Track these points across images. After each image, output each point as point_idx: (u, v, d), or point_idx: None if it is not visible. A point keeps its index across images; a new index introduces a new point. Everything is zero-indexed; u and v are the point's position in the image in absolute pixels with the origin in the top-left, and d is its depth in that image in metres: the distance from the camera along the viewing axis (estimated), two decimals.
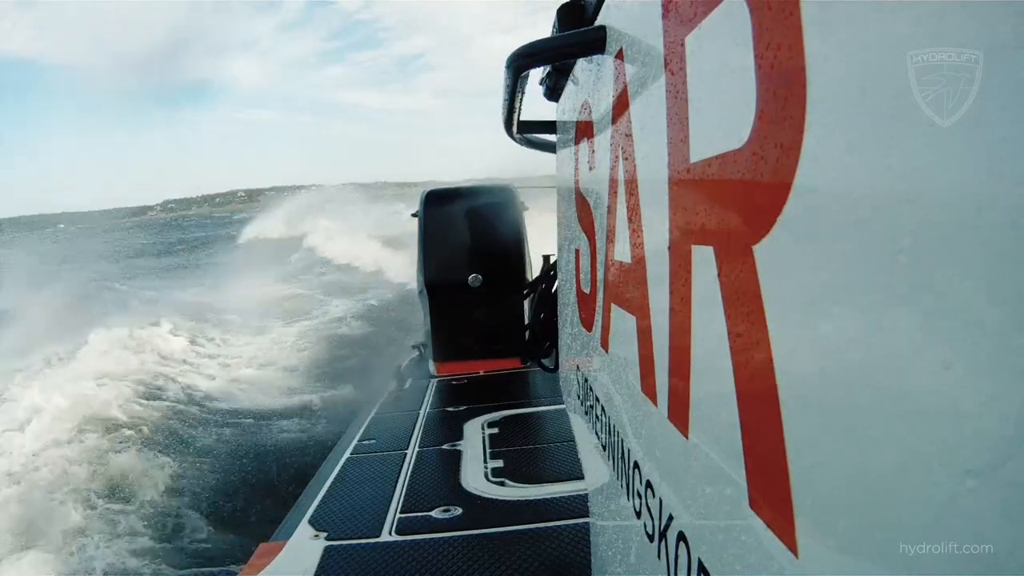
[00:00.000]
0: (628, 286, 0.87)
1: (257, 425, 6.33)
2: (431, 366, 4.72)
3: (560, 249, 1.66)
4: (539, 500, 2.47)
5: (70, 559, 4.13)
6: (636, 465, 0.82)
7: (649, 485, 0.75)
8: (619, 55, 0.88)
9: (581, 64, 1.22)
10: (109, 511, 4.68)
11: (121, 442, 5.66)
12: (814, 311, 0.38)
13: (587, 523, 1.42)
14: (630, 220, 0.84)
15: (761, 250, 0.44)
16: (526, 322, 4.64)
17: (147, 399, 6.69)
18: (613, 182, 0.94)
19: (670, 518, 0.66)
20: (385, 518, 2.45)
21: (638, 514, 0.80)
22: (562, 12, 1.17)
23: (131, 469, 5.19)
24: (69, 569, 4.03)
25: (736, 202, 0.49)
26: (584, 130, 1.21)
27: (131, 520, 4.59)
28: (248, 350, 9.55)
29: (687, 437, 0.61)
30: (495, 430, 3.34)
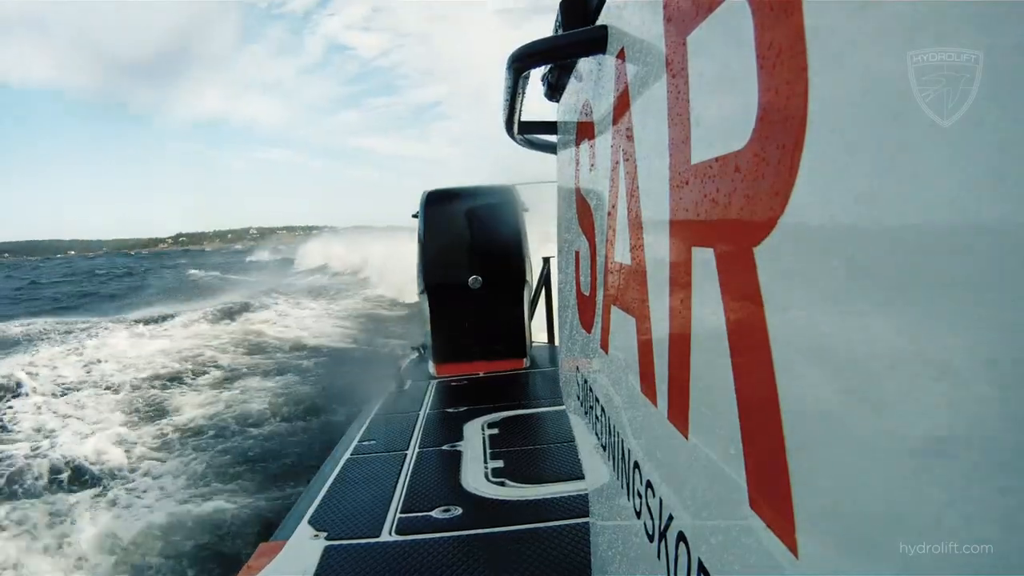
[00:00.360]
0: (628, 288, 0.87)
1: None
2: (431, 367, 4.72)
3: (560, 250, 1.66)
4: (539, 500, 2.47)
5: None
6: (636, 465, 0.82)
7: (649, 485, 0.75)
8: (620, 55, 0.88)
9: (582, 64, 1.22)
10: None
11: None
12: (815, 313, 0.38)
13: (587, 523, 1.42)
14: (630, 221, 0.84)
15: (762, 252, 0.44)
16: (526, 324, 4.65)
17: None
18: (613, 183, 0.94)
19: (670, 518, 0.66)
20: (385, 518, 2.45)
21: (638, 514, 0.80)
22: (563, 11, 1.18)
23: None
24: None
25: (737, 204, 0.49)
26: (585, 131, 1.21)
27: None
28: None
29: (687, 437, 0.61)
30: (495, 431, 3.34)
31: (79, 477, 5.41)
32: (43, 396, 7.94)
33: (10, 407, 7.44)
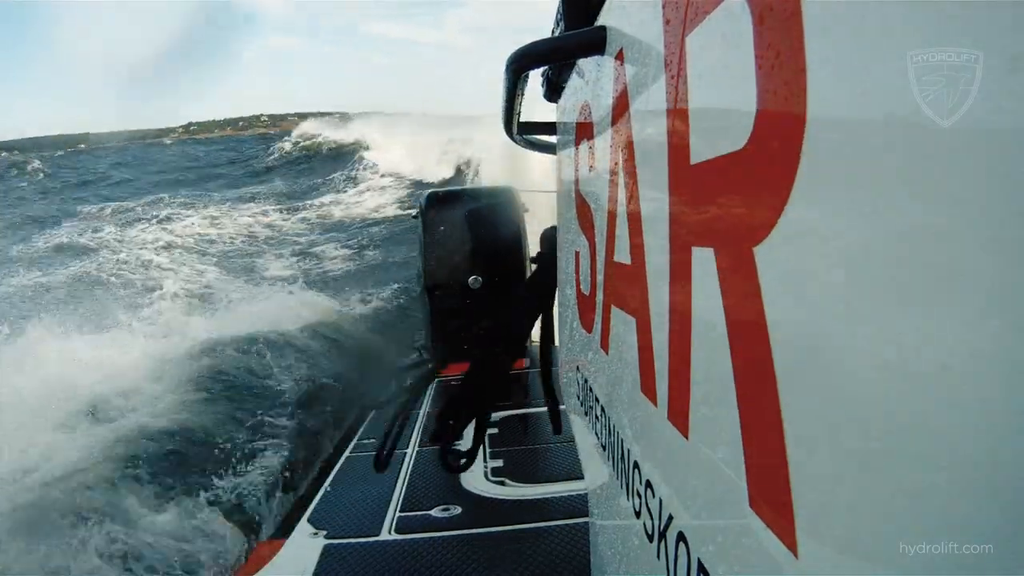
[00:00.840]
0: (628, 288, 0.87)
1: None
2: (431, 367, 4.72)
3: (560, 251, 1.66)
4: (539, 499, 2.47)
5: None
6: (636, 465, 0.82)
7: (649, 485, 0.75)
8: (619, 55, 0.88)
9: (581, 64, 1.22)
10: None
11: None
12: (815, 313, 0.38)
13: (586, 523, 1.42)
14: (630, 221, 0.84)
15: (762, 252, 0.44)
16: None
17: None
18: (613, 183, 0.94)
19: (670, 518, 0.66)
20: (384, 517, 2.45)
21: (637, 514, 0.80)
22: (563, 11, 1.18)
23: None
24: None
25: (737, 204, 0.49)
26: (584, 131, 1.21)
27: None
28: None
29: (687, 437, 0.61)
30: (495, 430, 3.34)
31: None
32: None
33: None
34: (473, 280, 4.53)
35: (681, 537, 0.62)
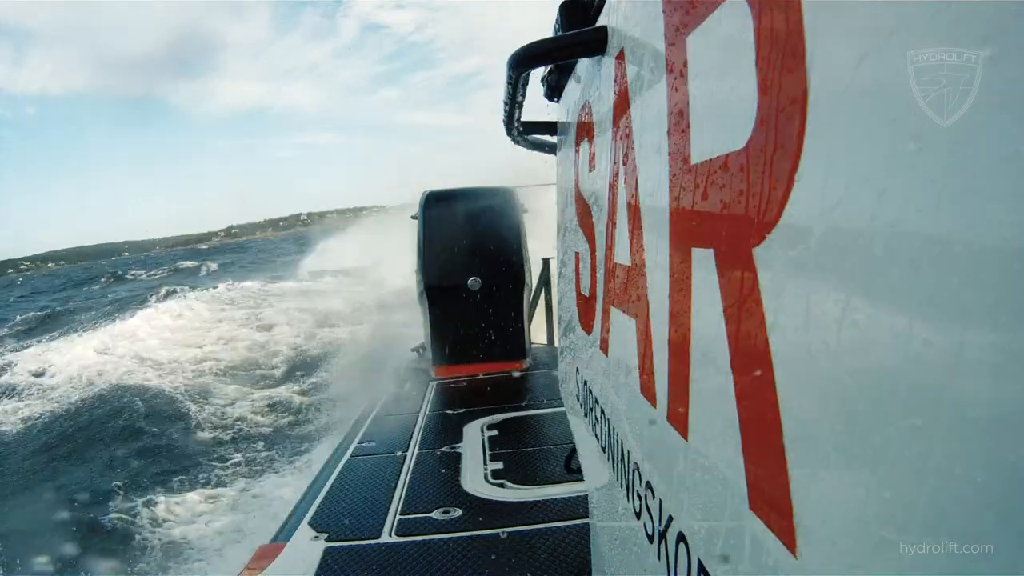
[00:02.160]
0: (628, 289, 0.87)
1: None
2: (430, 369, 4.71)
3: (559, 251, 1.66)
4: (539, 501, 2.47)
5: None
6: (636, 466, 0.82)
7: (649, 486, 0.75)
8: (620, 56, 0.88)
9: (582, 64, 1.22)
10: None
11: None
12: (814, 313, 0.38)
13: (587, 524, 1.41)
14: (630, 222, 0.84)
15: (761, 252, 0.44)
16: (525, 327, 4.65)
17: None
18: (613, 183, 0.94)
19: (670, 519, 0.66)
20: (385, 519, 2.44)
21: (638, 515, 0.80)
22: (564, 11, 1.18)
23: None
24: None
25: (737, 204, 0.49)
26: (584, 131, 1.21)
27: None
28: None
29: (687, 439, 0.61)
30: (495, 432, 3.34)
31: None
32: None
33: None
34: (472, 281, 4.53)
35: (681, 538, 0.62)
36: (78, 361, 10.78)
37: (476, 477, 2.76)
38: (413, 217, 4.80)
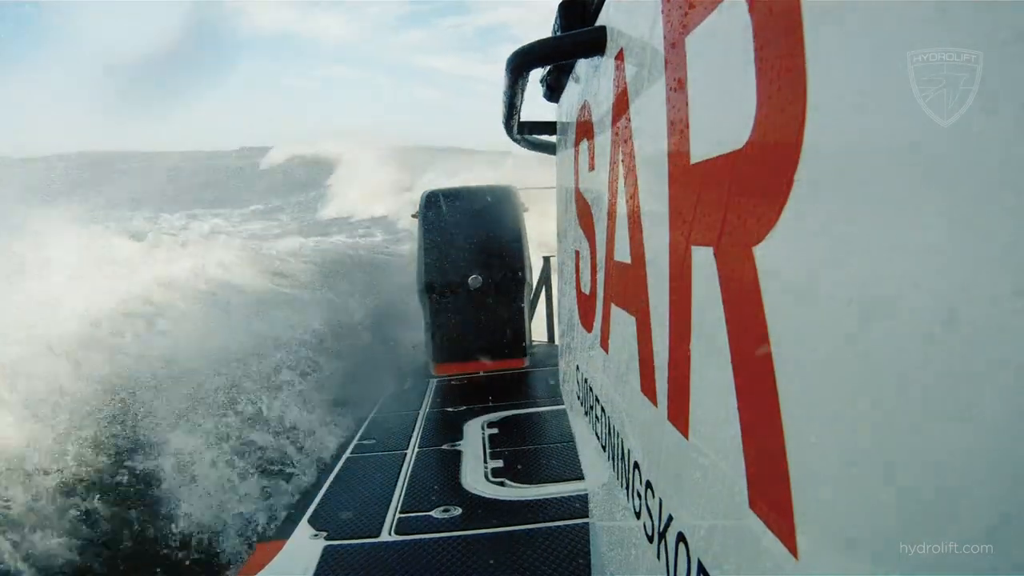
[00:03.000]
0: (628, 287, 0.87)
1: None
2: (430, 366, 4.72)
3: (560, 250, 1.66)
4: (539, 500, 2.47)
5: None
6: (636, 465, 0.82)
7: (649, 485, 0.75)
8: (619, 55, 0.88)
9: (581, 64, 1.22)
10: None
11: None
12: (814, 313, 0.38)
13: (587, 523, 1.42)
14: (630, 221, 0.84)
15: (761, 251, 0.44)
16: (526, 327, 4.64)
17: None
18: (613, 183, 0.94)
19: (670, 518, 0.66)
20: (385, 518, 2.45)
21: (638, 514, 0.80)
22: (563, 11, 1.18)
23: None
24: None
25: (736, 203, 0.49)
26: (584, 131, 1.21)
27: None
28: None
29: (687, 437, 0.61)
30: (495, 430, 3.34)
31: None
32: None
33: None
34: (473, 279, 4.53)
35: (681, 538, 0.62)
36: None
37: (476, 475, 2.77)
38: (413, 216, 4.80)
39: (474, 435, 3.29)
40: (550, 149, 1.79)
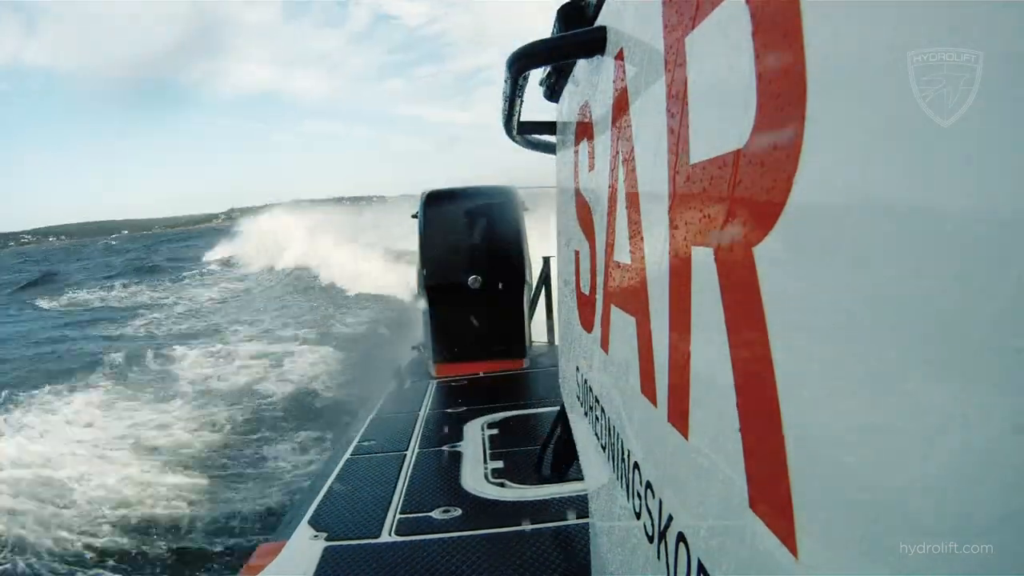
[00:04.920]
0: (628, 287, 0.87)
1: None
2: (430, 367, 4.71)
3: (560, 250, 1.66)
4: (539, 501, 2.47)
5: None
6: (636, 466, 0.82)
7: (649, 486, 0.75)
8: (619, 55, 0.88)
9: (581, 65, 1.22)
10: None
11: None
12: (814, 313, 0.38)
13: (587, 524, 1.42)
14: (630, 221, 0.84)
15: (761, 252, 0.44)
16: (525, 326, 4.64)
17: None
18: (613, 183, 0.94)
19: (670, 519, 0.66)
20: (385, 519, 2.45)
21: (638, 515, 0.80)
22: (562, 12, 1.18)
23: None
24: None
25: (736, 203, 0.49)
26: (584, 131, 1.21)
27: None
28: None
29: (687, 438, 0.61)
30: (495, 431, 3.34)
31: None
32: None
33: None
34: (472, 280, 4.53)
35: (681, 538, 0.62)
36: None
37: (476, 476, 2.77)
38: (414, 216, 4.80)
39: (474, 436, 3.29)
40: (550, 149, 1.79)
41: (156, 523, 4.58)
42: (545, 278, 5.30)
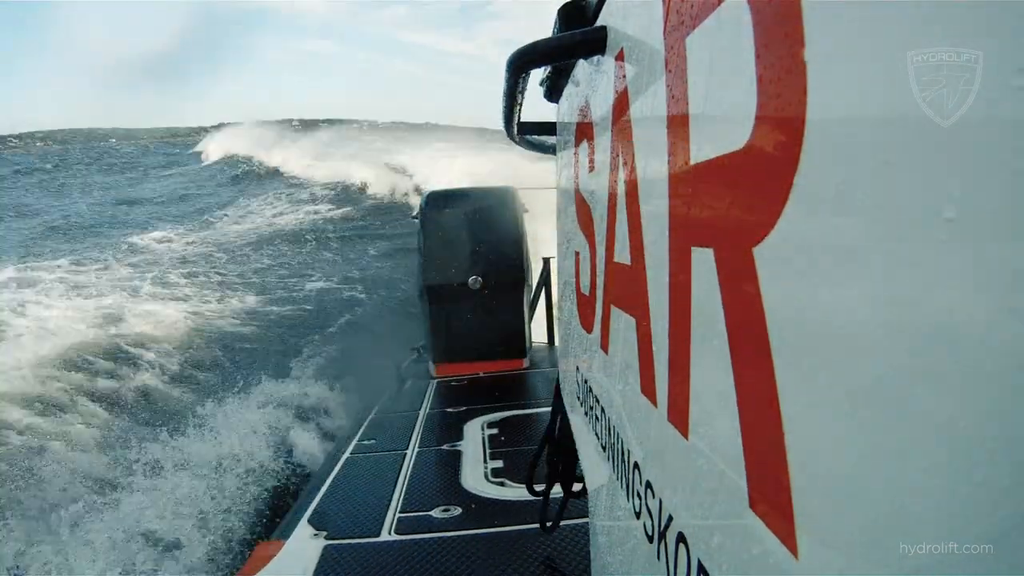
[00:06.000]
0: (628, 288, 0.87)
1: None
2: (431, 367, 4.72)
3: (560, 250, 1.66)
4: (539, 501, 2.47)
5: None
6: (636, 466, 0.82)
7: (649, 486, 0.75)
8: (619, 56, 0.88)
9: (581, 65, 1.22)
10: None
11: None
12: (815, 313, 0.38)
13: (587, 523, 1.42)
14: (630, 221, 0.84)
15: (761, 252, 0.44)
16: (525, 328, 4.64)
17: None
18: (613, 183, 0.94)
19: (670, 519, 0.66)
20: (385, 518, 2.45)
21: (637, 515, 0.80)
22: (563, 12, 1.18)
23: None
24: None
25: (736, 204, 0.49)
26: (584, 131, 1.21)
27: None
28: None
29: (687, 438, 0.61)
30: (495, 430, 3.34)
31: None
32: None
33: None
34: (473, 280, 4.53)
35: (681, 538, 0.62)
36: None
37: (476, 475, 2.77)
38: (414, 217, 4.81)
39: (474, 435, 3.29)
40: (550, 149, 1.79)
41: None
42: (545, 278, 5.31)
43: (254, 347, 7.45)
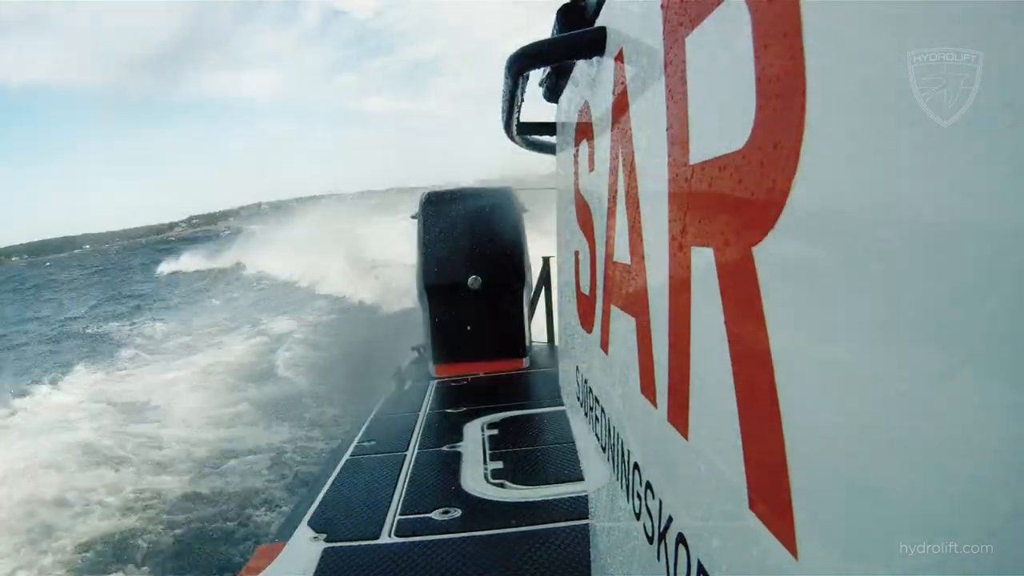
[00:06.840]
0: (628, 288, 0.87)
1: None
2: (430, 368, 4.71)
3: (559, 251, 1.66)
4: (539, 502, 2.47)
5: None
6: (636, 466, 0.82)
7: (649, 486, 0.75)
8: (619, 56, 0.88)
9: (581, 65, 1.22)
10: None
11: None
12: (814, 313, 0.38)
13: (587, 524, 1.42)
14: (629, 221, 0.84)
15: (761, 252, 0.44)
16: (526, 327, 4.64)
17: None
18: (613, 183, 0.94)
19: (670, 519, 0.66)
20: (385, 520, 2.44)
21: (638, 516, 0.80)
22: (562, 13, 1.18)
23: None
24: None
25: (736, 203, 0.49)
26: (584, 132, 1.21)
27: None
28: None
29: (687, 438, 0.61)
30: (495, 431, 3.34)
31: None
32: None
33: None
34: (472, 280, 4.53)
35: (681, 539, 0.62)
36: None
37: (476, 477, 2.76)
38: (413, 217, 4.80)
39: (474, 436, 3.28)
40: (550, 150, 1.79)
41: None
42: (545, 278, 5.30)
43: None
